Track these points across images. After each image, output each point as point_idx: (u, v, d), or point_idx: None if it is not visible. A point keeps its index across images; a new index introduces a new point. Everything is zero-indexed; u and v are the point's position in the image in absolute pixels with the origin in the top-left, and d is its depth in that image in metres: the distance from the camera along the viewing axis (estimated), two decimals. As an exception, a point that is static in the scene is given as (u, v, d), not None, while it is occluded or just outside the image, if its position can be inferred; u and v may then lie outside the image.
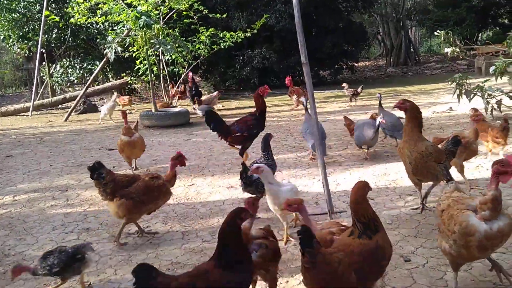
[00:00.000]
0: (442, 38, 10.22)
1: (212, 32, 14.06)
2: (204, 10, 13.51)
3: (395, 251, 4.07)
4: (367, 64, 32.07)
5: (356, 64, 24.22)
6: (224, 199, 5.97)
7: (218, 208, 5.63)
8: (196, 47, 14.11)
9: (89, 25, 17.61)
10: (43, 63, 19.30)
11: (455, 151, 4.99)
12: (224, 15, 15.23)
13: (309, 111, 6.84)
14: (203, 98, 14.04)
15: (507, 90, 8.83)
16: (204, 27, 14.06)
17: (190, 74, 14.38)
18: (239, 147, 7.32)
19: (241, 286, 2.79)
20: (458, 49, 10.76)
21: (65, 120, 14.61)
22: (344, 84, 13.86)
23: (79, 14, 13.11)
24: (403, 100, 5.10)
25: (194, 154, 8.69)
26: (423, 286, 3.47)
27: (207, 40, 14.05)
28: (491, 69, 8.76)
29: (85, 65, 19.46)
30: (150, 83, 13.22)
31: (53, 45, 19.53)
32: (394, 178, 6.27)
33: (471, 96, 8.53)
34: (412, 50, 28.91)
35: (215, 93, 14.58)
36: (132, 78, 17.94)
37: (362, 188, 3.07)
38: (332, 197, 5.47)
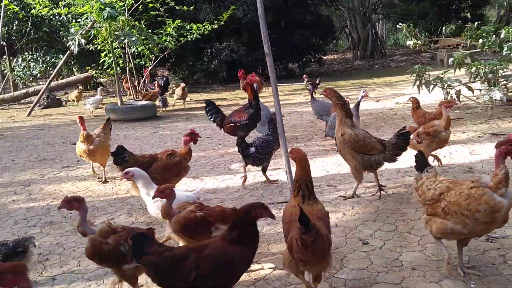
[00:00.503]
0: (404, 31, 10.49)
1: (178, 24, 13.94)
2: (171, 2, 13.39)
3: (354, 235, 4.22)
4: (335, 57, 32.48)
5: (323, 57, 24.51)
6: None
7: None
8: (163, 40, 13.97)
9: (51, 17, 17.22)
10: (4, 56, 18.74)
11: (403, 145, 5.00)
12: (192, 8, 15.12)
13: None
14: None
15: (465, 81, 9.15)
16: (170, 19, 13.92)
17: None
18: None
19: (242, 260, 2.92)
20: (420, 42, 11.06)
21: (28, 115, 14.25)
22: (304, 76, 13.73)
23: (40, 5, 12.79)
24: (327, 89, 5.36)
25: (161, 147, 8.65)
26: (379, 267, 3.61)
27: (174, 32, 13.92)
28: (450, 60, 9.08)
29: (48, 58, 18.99)
30: (115, 77, 13.03)
31: (13, 37, 18.91)
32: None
33: (431, 87, 8.83)
34: (378, 43, 29.45)
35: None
36: (97, 71, 17.60)
37: (303, 156, 3.52)
38: (296, 186, 5.59)
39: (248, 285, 3.51)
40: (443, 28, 32.08)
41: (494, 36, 8.93)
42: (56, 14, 14.44)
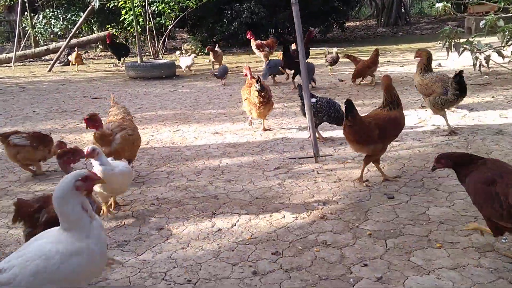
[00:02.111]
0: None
1: (200, -17, 13.62)
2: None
3: (379, 190, 4.12)
4: (357, 24, 31.64)
5: (346, 23, 23.86)
6: (209, 143, 5.93)
7: (204, 151, 5.60)
8: (184, -2, 13.70)
9: (72, -27, 17.00)
10: (25, 13, 18.65)
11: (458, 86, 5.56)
12: (214, -34, 14.71)
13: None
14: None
15: (496, 47, 8.78)
16: (191, -22, 13.62)
17: None
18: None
19: None
20: (449, 4, 10.60)
21: (49, 71, 14.28)
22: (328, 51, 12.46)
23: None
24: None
25: (180, 103, 8.58)
26: (406, 220, 3.52)
27: (194, -10, 13.62)
28: (482, 23, 8.68)
29: (69, 16, 18.86)
30: (136, 35, 12.87)
31: (35, -6, 18.83)
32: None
33: (460, 49, 8.47)
34: (403, 10, 28.50)
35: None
36: (117, 30, 17.42)
37: (389, 79, 4.39)
38: (318, 143, 5.48)
39: (269, 231, 3.46)
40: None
41: (530, -1, 8.50)
42: (78, -30, 14.24)
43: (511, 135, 5.40)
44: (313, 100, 5.69)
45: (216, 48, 12.79)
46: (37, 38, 19.65)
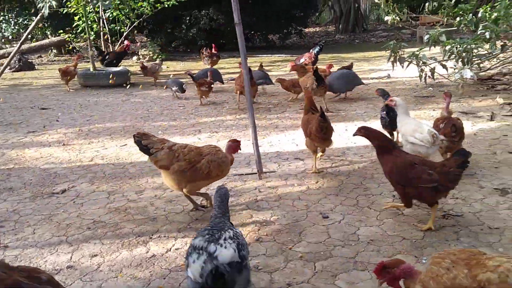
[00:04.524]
0: (382, 5, 10.39)
1: (156, -10, 13.53)
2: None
3: (316, 209, 4.23)
4: (317, 29, 32.15)
5: (305, 30, 24.22)
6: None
7: (149, 168, 5.55)
8: (139, 5, 13.55)
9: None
10: (-26, 16, 17.97)
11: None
12: (171, -27, 14.64)
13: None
14: (148, 65, 13.07)
15: (440, 59, 9.16)
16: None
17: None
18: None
19: None
20: (398, 18, 10.98)
21: (-3, 78, 13.75)
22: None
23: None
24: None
25: (131, 114, 8.49)
26: (336, 241, 3.63)
27: (150, -3, 13.52)
28: (425, 37, 9.04)
29: (20, 20, 18.31)
30: (88, 41, 12.63)
31: (-16, -3, 18.17)
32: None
33: (405, 64, 8.81)
34: (360, 17, 29.17)
35: (158, 61, 13.58)
36: (71, 35, 17.04)
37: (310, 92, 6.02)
38: (264, 158, 5.58)
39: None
40: (426, 4, 31.95)
41: (471, 15, 8.90)
42: (29, -27, 13.82)
43: (445, 150, 5.64)
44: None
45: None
46: (-14, 43, 18.97)
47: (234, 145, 4.35)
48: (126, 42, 13.76)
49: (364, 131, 4.08)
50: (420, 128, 4.63)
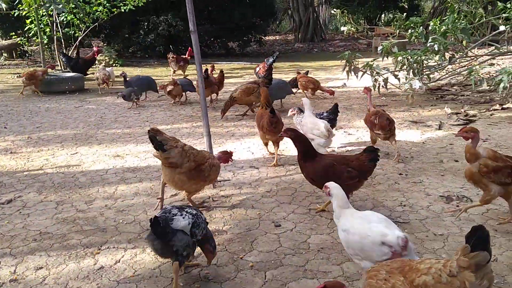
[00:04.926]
0: (338, 16, 10.64)
1: (111, -6, 13.30)
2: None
3: (269, 218, 4.25)
4: (277, 38, 32.55)
5: (264, 38, 24.47)
6: (108, 168, 5.77)
7: (100, 177, 5.43)
8: (94, 9, 13.26)
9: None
10: None
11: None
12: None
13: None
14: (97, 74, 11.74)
15: (392, 70, 9.46)
16: (103, -11, 13.24)
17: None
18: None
19: None
20: (353, 28, 11.29)
21: None
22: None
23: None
24: None
25: (83, 122, 8.27)
26: (287, 249, 3.66)
27: (106, 2, 13.24)
28: (379, 48, 9.33)
29: (-32, 21, 17.51)
30: (40, 45, 12.24)
31: None
32: (281, 148, 6.44)
33: (359, 74, 9.05)
34: (319, 27, 29.77)
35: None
36: (23, 39, 16.46)
37: (266, 90, 6.32)
38: (218, 166, 5.54)
39: (153, 268, 3.43)
40: (382, 16, 33.00)
41: (421, 27, 9.26)
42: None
43: (396, 156, 5.82)
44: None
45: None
46: None
47: (225, 157, 4.64)
48: (94, 48, 13.38)
49: (290, 133, 4.31)
50: (317, 125, 5.62)
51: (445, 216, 4.17)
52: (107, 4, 13.32)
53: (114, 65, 16.46)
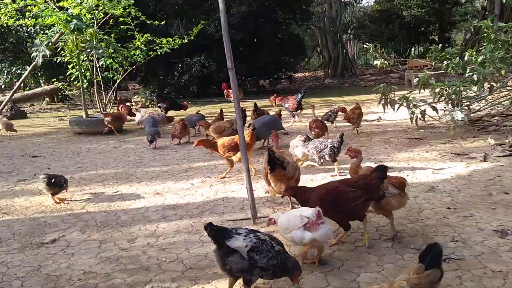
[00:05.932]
0: (370, 50, 10.64)
1: (148, 38, 13.78)
2: (142, 17, 13.23)
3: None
4: (306, 75, 32.87)
5: (294, 75, 24.75)
6: (148, 205, 5.79)
7: (141, 215, 5.44)
8: (132, 53, 13.76)
9: (18, 27, 16.82)
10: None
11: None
12: (163, 22, 15.02)
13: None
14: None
15: (430, 101, 9.30)
16: (140, 34, 13.74)
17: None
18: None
19: None
20: (386, 62, 11.23)
21: (-11, 126, 13.70)
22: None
23: (6, 15, 12.43)
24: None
25: (123, 161, 8.42)
26: (336, 288, 3.52)
27: (143, 46, 13.74)
28: (415, 80, 9.22)
29: (14, 69, 18.47)
30: (81, 89, 12.71)
31: (-22, 48, 18.38)
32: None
33: (396, 106, 8.93)
34: (349, 62, 29.94)
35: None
36: (65, 83, 17.18)
37: None
38: (258, 203, 5.49)
39: None
40: (412, 49, 32.95)
41: (458, 58, 9.13)
42: (24, 25, 14.04)
43: (442, 192, 5.61)
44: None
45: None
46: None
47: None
48: (185, 102, 14.64)
49: (290, 191, 4.50)
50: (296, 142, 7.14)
51: (502, 251, 3.94)
52: (144, 48, 13.79)
53: (149, 105, 16.91)
